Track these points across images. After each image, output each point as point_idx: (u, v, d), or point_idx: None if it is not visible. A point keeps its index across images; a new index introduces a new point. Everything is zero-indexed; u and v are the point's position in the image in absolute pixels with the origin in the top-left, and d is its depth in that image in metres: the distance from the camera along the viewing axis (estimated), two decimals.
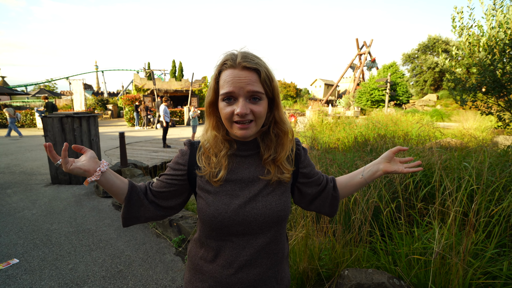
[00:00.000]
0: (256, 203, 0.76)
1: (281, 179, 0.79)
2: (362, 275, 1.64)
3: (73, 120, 4.64)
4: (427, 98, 30.13)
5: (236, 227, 0.74)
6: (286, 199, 0.81)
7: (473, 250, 1.68)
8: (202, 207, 0.77)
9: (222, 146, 0.77)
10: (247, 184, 0.77)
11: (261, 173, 0.79)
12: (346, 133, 6.43)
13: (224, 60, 0.71)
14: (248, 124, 0.70)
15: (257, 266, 0.78)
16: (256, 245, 0.77)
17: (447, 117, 17.98)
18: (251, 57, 0.70)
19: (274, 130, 0.78)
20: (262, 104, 0.71)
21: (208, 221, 0.75)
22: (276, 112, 0.77)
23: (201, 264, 0.81)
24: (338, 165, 2.93)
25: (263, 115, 0.73)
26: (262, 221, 0.76)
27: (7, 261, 2.45)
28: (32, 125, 15.93)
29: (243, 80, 0.68)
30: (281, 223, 0.80)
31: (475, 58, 4.05)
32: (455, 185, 1.92)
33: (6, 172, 5.54)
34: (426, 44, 35.62)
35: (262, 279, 0.79)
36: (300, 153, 0.88)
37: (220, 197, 0.75)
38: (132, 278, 2.27)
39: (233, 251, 0.76)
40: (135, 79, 20.64)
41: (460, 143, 4.41)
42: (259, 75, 0.70)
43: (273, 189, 0.79)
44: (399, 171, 0.88)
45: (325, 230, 2.15)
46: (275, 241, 0.81)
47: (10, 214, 3.49)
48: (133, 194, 0.80)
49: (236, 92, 0.69)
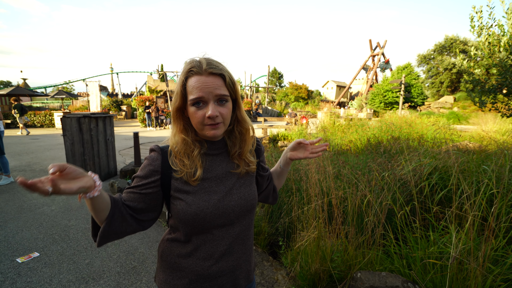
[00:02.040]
0: (232, 196, 0.83)
1: (249, 170, 0.89)
2: (375, 278, 1.62)
3: (90, 120, 4.80)
4: (443, 100, 29.24)
5: (217, 220, 0.80)
6: (255, 188, 0.92)
7: (493, 256, 1.62)
8: (182, 207, 0.78)
9: (193, 147, 0.81)
10: (222, 180, 0.84)
11: (231, 168, 0.87)
12: (359, 135, 6.34)
13: (190, 67, 0.75)
14: (217, 124, 0.76)
15: (234, 253, 0.85)
16: (233, 233, 0.84)
17: (465, 119, 17.38)
18: (215, 64, 0.76)
19: (238, 128, 0.86)
20: (228, 105, 0.78)
21: (191, 220, 0.78)
22: (238, 112, 0.85)
23: (179, 261, 0.83)
24: (351, 166, 2.90)
25: (229, 116, 0.80)
26: (239, 211, 0.84)
27: (29, 255, 2.56)
28: (51, 125, 16.53)
29: (211, 85, 0.74)
30: (253, 211, 0.90)
31: (496, 59, 3.91)
32: (473, 188, 1.86)
33: (27, 170, 5.78)
34: (442, 44, 34.63)
35: (238, 264, 0.87)
36: (260, 149, 1.00)
37: (200, 195, 0.79)
38: (145, 274, 2.32)
39: (213, 243, 0.82)
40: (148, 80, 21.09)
41: (478, 146, 4.26)
42: (225, 80, 0.76)
43: (244, 181, 0.88)
44: (303, 157, 1.01)
45: (338, 232, 2.13)
46: (248, 228, 0.89)
47: (31, 210, 3.64)
48: (116, 208, 0.75)
49: (205, 97, 0.74)
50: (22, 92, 17.80)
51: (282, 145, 8.40)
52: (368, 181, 2.32)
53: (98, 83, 19.16)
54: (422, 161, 2.60)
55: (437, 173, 2.44)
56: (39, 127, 16.45)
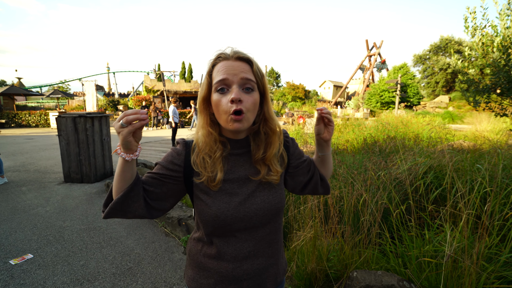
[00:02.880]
0: (255, 199, 0.78)
1: (269, 180, 0.80)
2: (371, 277, 1.62)
3: (86, 120, 4.76)
4: (438, 100, 29.51)
5: (238, 223, 0.76)
6: (281, 191, 0.84)
7: (487, 254, 1.64)
8: (203, 208, 0.77)
9: (215, 148, 0.76)
10: (244, 181, 0.79)
11: (251, 173, 0.80)
12: (355, 134, 6.37)
13: (217, 55, 0.74)
14: (241, 115, 0.70)
15: (260, 256, 0.81)
16: (258, 236, 0.80)
17: (460, 119, 17.55)
18: (244, 52, 0.74)
19: (264, 128, 0.79)
20: (253, 95, 0.72)
21: (211, 221, 0.76)
22: (266, 108, 0.79)
23: (205, 261, 0.81)
24: (347, 166, 2.91)
25: (254, 108, 0.73)
26: (262, 215, 0.78)
27: (22, 256, 2.53)
28: (46, 125, 16.37)
29: (237, 68, 0.70)
30: (279, 214, 0.84)
31: (489, 59, 3.95)
32: (467, 187, 1.88)
33: (21, 170, 5.72)
34: (438, 44, 34.95)
35: (265, 267, 0.83)
36: (289, 145, 0.90)
37: (221, 197, 0.76)
38: (141, 275, 2.31)
39: (237, 245, 0.78)
40: (145, 80, 21.00)
41: (473, 145, 4.30)
42: (251, 66, 0.73)
43: (268, 183, 0.81)
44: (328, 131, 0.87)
45: (334, 231, 2.14)
46: (275, 231, 0.84)
47: (25, 211, 3.60)
48: (136, 185, 0.73)
49: (229, 79, 0.70)
50: (17, 91, 17.61)
51: None
52: (364, 180, 2.33)
53: (94, 82, 19.04)
54: (417, 160, 2.62)
55: (432, 172, 2.46)
56: (34, 126, 16.28)
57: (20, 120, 16.21)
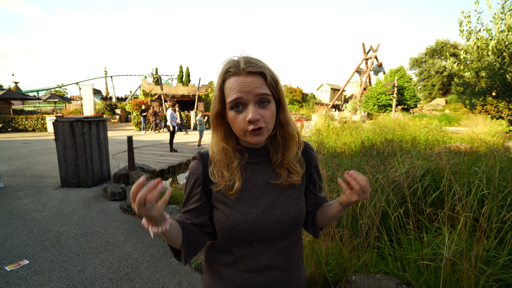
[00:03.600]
0: (274, 211, 0.75)
1: (291, 182, 0.78)
2: (370, 280, 1.62)
3: (83, 124, 4.74)
4: (435, 103, 29.73)
5: (255, 235, 0.75)
6: (302, 203, 0.80)
7: (485, 257, 1.64)
8: (221, 218, 0.76)
9: (233, 157, 0.75)
10: (263, 192, 0.77)
11: (272, 178, 0.78)
12: (353, 137, 6.39)
13: (227, 68, 0.69)
14: (260, 130, 0.68)
15: (278, 269, 0.79)
16: (276, 249, 0.78)
17: (456, 121, 17.69)
18: (254, 62, 0.69)
19: (281, 133, 0.77)
20: (270, 107, 0.70)
21: (228, 232, 0.75)
22: (282, 114, 0.76)
23: (221, 269, 0.81)
24: (345, 169, 2.91)
25: (273, 119, 0.71)
26: (281, 228, 0.76)
27: (18, 262, 2.50)
28: (43, 129, 16.28)
29: (250, 85, 0.67)
30: (299, 227, 0.81)
31: (484, 62, 4.00)
32: (465, 190, 1.89)
33: (18, 175, 5.67)
34: (434, 48, 35.31)
35: (282, 280, 0.80)
36: (311, 157, 0.85)
37: (238, 208, 0.74)
38: (139, 280, 2.28)
39: (253, 256, 0.77)
40: (142, 84, 20.98)
41: (469, 147, 4.33)
42: (265, 79, 0.69)
43: (289, 194, 0.78)
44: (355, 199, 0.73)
45: (332, 235, 2.14)
46: (294, 244, 0.82)
47: (21, 216, 3.56)
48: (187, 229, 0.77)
49: (244, 97, 0.67)
50: (14, 95, 17.52)
51: None
52: None
53: (91, 86, 18.97)
54: (415, 163, 2.63)
55: (430, 175, 2.47)
56: (31, 131, 16.19)
57: (17, 124, 16.11)
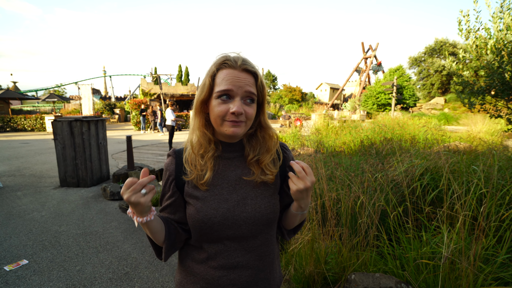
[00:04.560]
0: (245, 207, 0.76)
1: (265, 180, 0.78)
2: (369, 279, 1.62)
3: (82, 124, 4.73)
4: (434, 102, 29.78)
5: (226, 231, 0.75)
6: (275, 201, 0.80)
7: (484, 255, 1.64)
8: (192, 213, 0.76)
9: (209, 147, 0.77)
10: (235, 187, 0.77)
11: (245, 174, 0.79)
12: (352, 136, 6.39)
13: (224, 60, 0.72)
14: (239, 122, 0.71)
15: (249, 268, 0.78)
16: (248, 247, 0.78)
17: (455, 120, 17.72)
18: (250, 62, 0.74)
19: (261, 133, 0.81)
20: (253, 106, 0.74)
21: (198, 227, 0.75)
22: (262, 117, 0.81)
23: (192, 266, 0.81)
24: (344, 168, 2.92)
25: (253, 117, 0.75)
26: (252, 224, 0.76)
27: (17, 262, 2.49)
28: (42, 129, 16.24)
29: (243, 81, 0.71)
30: (271, 226, 0.81)
31: (483, 61, 4.00)
32: (463, 188, 1.89)
33: (16, 175, 5.65)
34: (433, 47, 35.34)
35: (254, 280, 0.79)
36: (288, 157, 0.86)
37: (209, 202, 0.75)
38: (138, 280, 2.28)
39: (225, 254, 0.77)
40: (142, 83, 20.95)
41: (468, 146, 4.34)
42: (256, 80, 0.74)
43: (261, 191, 0.78)
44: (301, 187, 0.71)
45: (331, 234, 2.14)
46: (266, 243, 0.81)
47: (20, 216, 3.56)
48: (169, 224, 0.80)
49: (234, 90, 0.70)
50: (12, 95, 17.47)
51: None
52: (361, 182, 2.33)
53: (90, 86, 18.93)
54: (414, 162, 2.64)
55: (429, 173, 2.47)
56: (29, 131, 16.15)
57: (16, 124, 16.06)
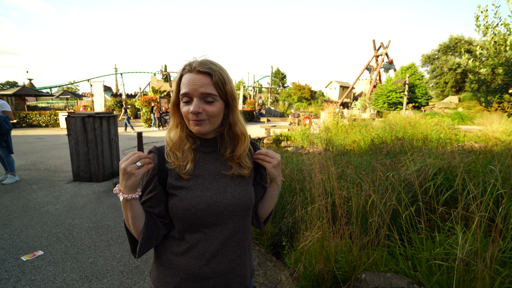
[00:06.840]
0: (226, 194, 0.83)
1: (241, 174, 0.87)
2: (380, 279, 1.60)
3: (94, 120, 4.83)
4: (447, 100, 29.01)
5: (208, 217, 0.80)
6: (251, 190, 0.90)
7: (501, 258, 1.59)
8: (175, 202, 0.80)
9: (186, 141, 0.84)
10: (215, 178, 0.85)
11: (224, 168, 0.87)
12: (362, 135, 6.30)
13: (184, 66, 0.81)
14: (201, 121, 0.78)
15: (228, 255, 0.85)
16: (227, 234, 0.84)
17: (470, 119, 17.22)
18: (206, 63, 0.78)
19: (228, 132, 0.86)
20: (215, 105, 0.79)
21: (182, 215, 0.80)
22: (231, 115, 0.85)
23: (172, 258, 0.84)
24: (354, 166, 2.88)
25: (217, 115, 0.80)
26: (232, 210, 0.83)
27: (33, 253, 2.57)
28: (56, 125, 16.68)
29: (197, 83, 0.76)
30: (248, 211, 0.89)
31: (502, 58, 3.86)
32: (479, 189, 1.84)
33: (32, 169, 5.83)
34: (447, 44, 34.38)
35: (232, 267, 0.86)
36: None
37: (193, 191, 0.81)
38: (149, 273, 2.32)
39: (205, 242, 0.82)
40: (152, 81, 21.22)
41: (484, 146, 4.20)
42: (212, 79, 0.77)
43: (239, 181, 0.87)
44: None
45: (342, 232, 2.12)
46: (243, 229, 0.88)
47: (36, 209, 3.67)
48: (148, 215, 0.82)
49: (191, 93, 0.77)
50: (28, 92, 17.99)
51: (285, 145, 8.38)
52: (372, 181, 2.30)
53: (102, 83, 19.27)
54: (427, 161, 2.58)
55: (442, 173, 2.41)
56: (44, 126, 16.61)
57: (31, 120, 16.55)
